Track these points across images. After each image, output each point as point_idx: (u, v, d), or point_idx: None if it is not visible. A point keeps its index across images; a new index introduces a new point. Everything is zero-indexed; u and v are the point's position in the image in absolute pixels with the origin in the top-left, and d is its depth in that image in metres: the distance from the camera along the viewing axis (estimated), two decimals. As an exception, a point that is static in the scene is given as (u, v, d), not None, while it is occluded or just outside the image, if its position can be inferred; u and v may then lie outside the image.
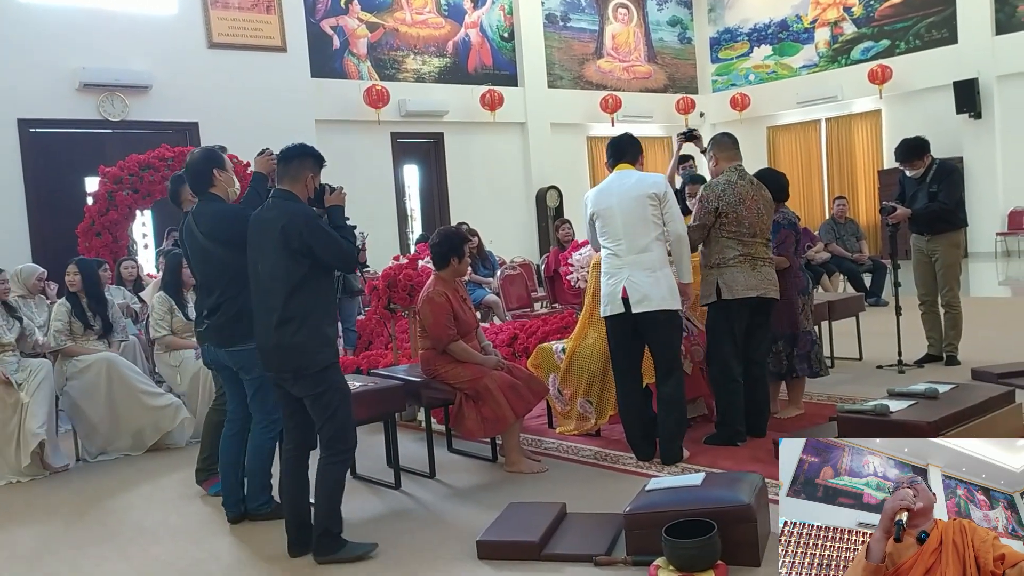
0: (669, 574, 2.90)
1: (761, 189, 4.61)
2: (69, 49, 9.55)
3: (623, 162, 4.49)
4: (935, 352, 6.26)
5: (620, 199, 4.31)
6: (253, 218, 3.54)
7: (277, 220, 3.38)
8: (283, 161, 3.52)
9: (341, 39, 12.92)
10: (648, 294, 4.21)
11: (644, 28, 16.74)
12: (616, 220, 4.30)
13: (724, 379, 4.54)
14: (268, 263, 3.40)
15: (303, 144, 3.58)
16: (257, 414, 3.90)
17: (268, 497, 4.00)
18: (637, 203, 4.27)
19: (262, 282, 3.43)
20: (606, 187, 4.44)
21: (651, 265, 4.23)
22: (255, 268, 3.47)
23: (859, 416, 3.97)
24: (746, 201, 4.47)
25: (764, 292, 4.50)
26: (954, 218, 6.15)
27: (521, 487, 4.15)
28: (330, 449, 3.43)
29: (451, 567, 3.28)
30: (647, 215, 4.26)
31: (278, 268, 3.37)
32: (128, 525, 4.11)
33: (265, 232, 3.42)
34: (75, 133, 9.66)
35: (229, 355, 3.84)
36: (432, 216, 13.87)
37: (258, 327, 3.46)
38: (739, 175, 4.56)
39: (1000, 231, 13.67)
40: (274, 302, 3.38)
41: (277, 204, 3.46)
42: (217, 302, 3.83)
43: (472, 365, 4.39)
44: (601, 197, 4.41)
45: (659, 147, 16.82)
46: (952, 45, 13.93)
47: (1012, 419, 4.30)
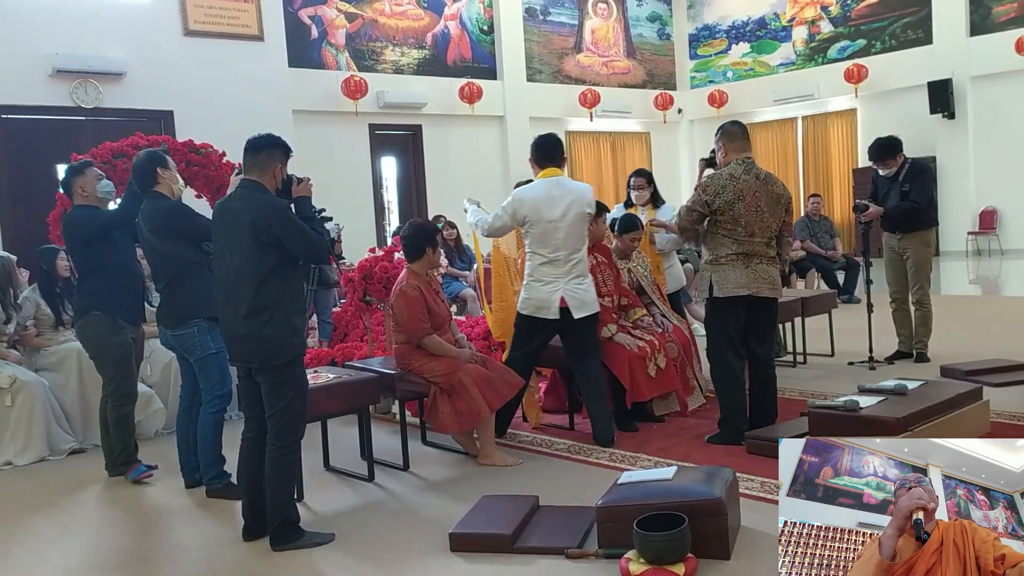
0: (640, 567, 2.92)
1: (769, 184, 4.43)
2: (42, 34, 9.39)
3: (553, 166, 4.62)
4: (905, 349, 6.34)
5: (564, 214, 4.51)
6: (219, 208, 3.52)
7: (246, 212, 3.37)
8: (251, 152, 3.50)
9: (319, 29, 12.83)
10: (585, 300, 4.58)
11: (623, 23, 16.77)
12: (559, 234, 4.52)
13: (723, 375, 4.51)
14: (237, 254, 3.39)
15: (271, 135, 3.58)
16: (204, 392, 4.19)
17: (219, 471, 4.18)
18: (578, 219, 4.56)
19: (231, 273, 3.42)
20: (547, 199, 4.52)
21: (582, 272, 4.62)
22: (222, 258, 3.46)
23: (830, 412, 4.02)
24: (745, 198, 4.35)
25: (756, 291, 4.40)
26: (925, 217, 6.22)
27: (494, 480, 4.16)
28: (279, 440, 3.44)
29: (423, 559, 3.28)
30: (583, 232, 4.63)
31: (248, 259, 3.37)
32: (98, 515, 4.08)
33: (233, 223, 3.41)
34: (47, 120, 9.49)
35: (174, 337, 4.16)
36: (409, 208, 13.82)
37: (226, 317, 3.49)
38: (745, 168, 4.41)
39: (971, 230, 13.85)
40: (244, 293, 3.38)
41: (245, 195, 3.44)
42: (165, 289, 4.18)
43: (446, 359, 4.39)
44: (543, 209, 4.52)
45: (637, 142, 16.87)
46: (927, 46, 14.08)
47: (979, 415, 4.38)
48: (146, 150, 4.42)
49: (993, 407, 4.58)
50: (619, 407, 4.88)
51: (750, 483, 3.81)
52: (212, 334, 4.10)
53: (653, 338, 5.03)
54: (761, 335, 4.54)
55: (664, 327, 5.24)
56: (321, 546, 3.43)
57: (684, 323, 5.56)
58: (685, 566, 2.90)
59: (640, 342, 4.94)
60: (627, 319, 5.18)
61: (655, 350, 4.96)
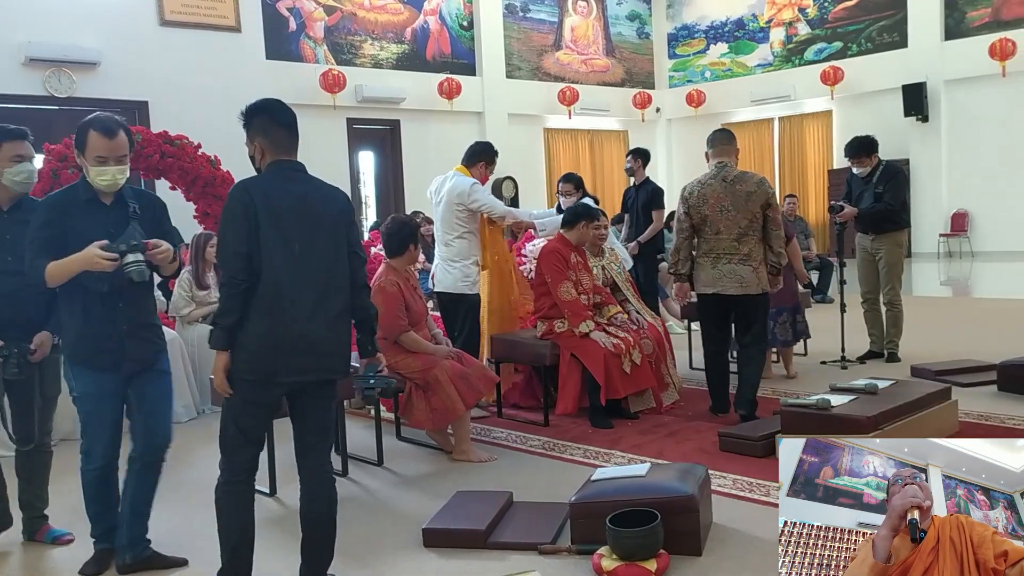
0: (612, 562, 2.93)
1: (737, 184, 4.72)
2: (15, 22, 9.27)
3: (462, 165, 5.42)
4: (877, 349, 6.41)
5: (438, 202, 5.41)
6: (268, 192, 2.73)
7: (331, 200, 2.84)
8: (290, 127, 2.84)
9: (297, 21, 12.74)
10: (442, 279, 5.34)
11: (603, 22, 16.80)
12: (437, 218, 5.42)
13: (706, 359, 5.06)
14: (319, 245, 2.76)
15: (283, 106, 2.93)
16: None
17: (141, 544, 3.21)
18: (447, 207, 5.30)
19: (301, 264, 2.72)
20: (440, 186, 5.42)
21: (451, 257, 5.30)
22: (288, 248, 2.70)
23: (801, 410, 4.06)
24: (710, 200, 4.74)
25: (721, 289, 4.73)
26: (898, 218, 6.30)
27: (469, 476, 4.16)
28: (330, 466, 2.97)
29: (396, 555, 3.28)
30: (452, 218, 5.29)
31: (340, 252, 2.83)
32: (68, 509, 4.03)
33: (306, 210, 2.76)
34: (20, 109, 9.36)
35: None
36: (387, 203, 13.77)
37: (292, 317, 2.70)
38: (715, 172, 4.78)
39: (943, 232, 14.02)
40: (333, 290, 2.80)
41: (307, 178, 2.84)
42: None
43: (423, 355, 4.38)
44: (434, 194, 5.50)
45: (615, 140, 16.91)
46: (902, 49, 14.23)
47: (948, 415, 4.44)
48: (93, 116, 3.27)
49: (961, 407, 4.65)
50: (593, 404, 4.90)
51: (722, 480, 3.84)
52: (77, 369, 3.14)
53: (628, 335, 5.06)
54: (744, 325, 4.85)
55: (639, 324, 5.27)
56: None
57: (658, 320, 5.60)
58: (657, 562, 2.92)
59: (615, 339, 4.96)
60: (601, 316, 5.21)
61: (630, 347, 4.98)
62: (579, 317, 4.93)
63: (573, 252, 5.15)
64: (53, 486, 3.68)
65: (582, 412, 4.98)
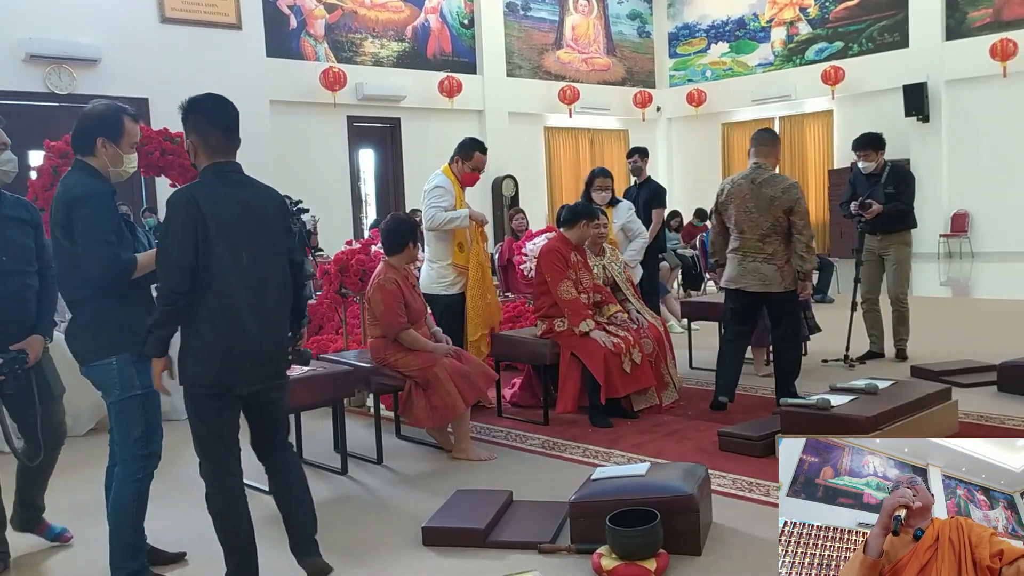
0: (612, 562, 2.93)
1: (763, 187, 4.84)
2: (15, 19, 9.27)
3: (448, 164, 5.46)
4: (877, 349, 6.40)
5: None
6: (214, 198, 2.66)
7: (269, 197, 2.82)
8: (228, 129, 2.77)
9: (298, 19, 12.74)
10: (421, 278, 5.26)
11: (604, 20, 16.80)
12: None
13: (720, 349, 5.22)
14: (264, 253, 2.74)
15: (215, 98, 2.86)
16: (120, 447, 2.98)
17: (140, 564, 2.97)
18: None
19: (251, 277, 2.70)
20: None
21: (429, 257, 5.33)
22: (235, 260, 2.66)
23: (802, 410, 4.06)
24: (736, 200, 4.92)
25: (744, 286, 4.93)
26: (909, 218, 6.28)
27: (468, 474, 4.16)
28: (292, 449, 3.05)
29: (396, 553, 3.27)
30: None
31: (282, 256, 2.83)
32: (63, 506, 4.02)
33: (249, 215, 2.72)
34: (20, 105, 9.37)
35: (88, 372, 2.97)
36: (387, 201, 13.78)
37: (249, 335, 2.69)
38: (747, 172, 4.93)
39: (943, 233, 14.02)
40: (280, 299, 2.82)
41: (245, 180, 2.77)
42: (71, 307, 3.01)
43: (423, 353, 4.37)
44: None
45: (615, 139, 16.91)
46: (903, 49, 14.23)
47: (948, 415, 4.43)
48: (108, 103, 3.09)
49: (961, 407, 4.64)
50: (593, 403, 4.89)
51: (722, 480, 3.84)
52: (139, 366, 2.91)
53: (628, 334, 5.05)
54: (774, 322, 5.06)
55: (639, 323, 5.26)
56: None
57: (659, 319, 5.59)
58: (657, 562, 2.92)
59: (615, 338, 4.96)
60: (601, 315, 5.20)
61: (630, 346, 4.98)
62: (579, 316, 4.93)
63: (573, 251, 5.15)
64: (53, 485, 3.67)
65: (582, 411, 4.98)
